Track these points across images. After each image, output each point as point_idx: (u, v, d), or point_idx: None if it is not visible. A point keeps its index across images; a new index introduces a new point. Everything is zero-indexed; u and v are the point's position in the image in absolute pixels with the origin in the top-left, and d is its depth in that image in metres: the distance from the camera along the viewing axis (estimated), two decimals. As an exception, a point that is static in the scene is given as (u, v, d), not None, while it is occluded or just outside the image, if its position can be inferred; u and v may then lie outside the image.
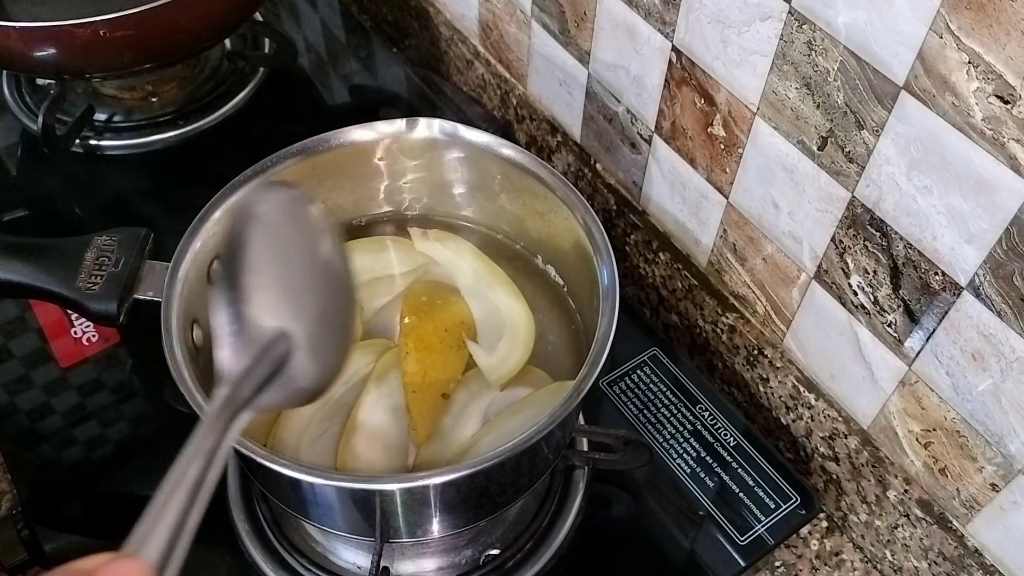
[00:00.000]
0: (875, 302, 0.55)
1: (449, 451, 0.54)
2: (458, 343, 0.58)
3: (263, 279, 0.37)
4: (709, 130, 0.62)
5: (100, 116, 0.83)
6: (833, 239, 0.56)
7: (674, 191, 0.69)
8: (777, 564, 0.62)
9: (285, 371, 0.37)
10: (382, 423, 0.55)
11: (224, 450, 0.34)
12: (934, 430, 0.55)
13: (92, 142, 0.82)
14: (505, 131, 0.86)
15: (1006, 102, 0.42)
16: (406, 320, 0.59)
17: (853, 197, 0.53)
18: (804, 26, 0.50)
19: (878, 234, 0.53)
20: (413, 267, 0.62)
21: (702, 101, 0.61)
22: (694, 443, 0.64)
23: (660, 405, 0.66)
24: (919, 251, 0.51)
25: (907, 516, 0.59)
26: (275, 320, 0.37)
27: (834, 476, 0.64)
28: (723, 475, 0.63)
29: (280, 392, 0.37)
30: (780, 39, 0.52)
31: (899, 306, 0.53)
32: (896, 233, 0.51)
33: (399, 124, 0.59)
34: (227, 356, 0.36)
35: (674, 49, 0.61)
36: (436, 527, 0.51)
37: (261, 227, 0.38)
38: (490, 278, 0.61)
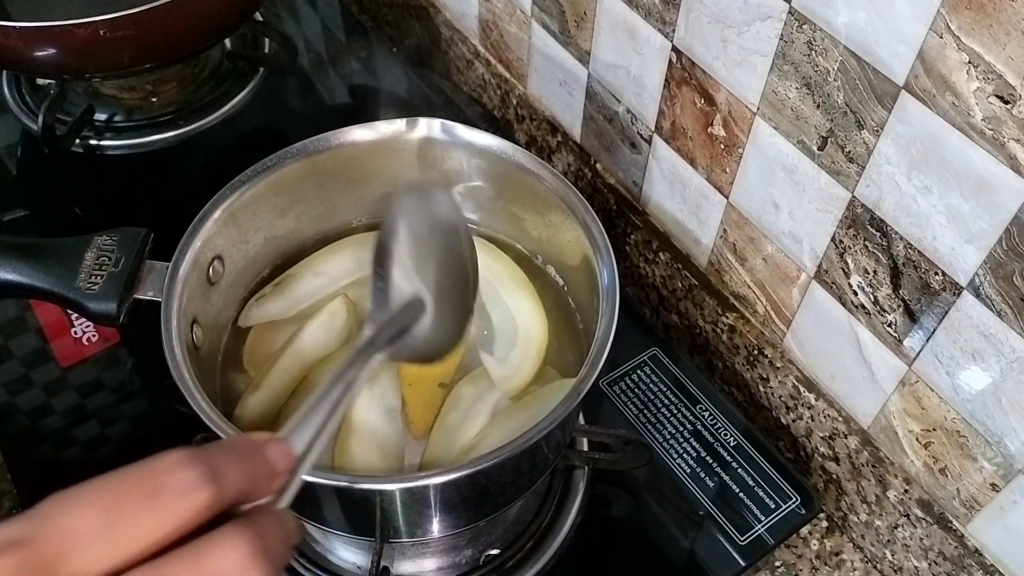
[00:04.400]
0: (875, 302, 0.55)
1: (456, 447, 0.54)
2: None
3: (407, 259, 0.47)
4: (709, 130, 0.62)
5: (100, 116, 0.83)
6: (833, 239, 0.56)
7: (674, 191, 0.69)
8: (777, 564, 0.62)
9: (414, 330, 0.46)
10: (376, 425, 0.54)
11: (363, 380, 0.41)
12: (934, 430, 0.55)
13: (92, 142, 0.82)
14: (505, 131, 0.86)
15: (1006, 102, 0.42)
16: None
17: (853, 197, 0.53)
18: (804, 26, 0.50)
19: (878, 234, 0.53)
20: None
21: (702, 101, 0.61)
22: (694, 443, 0.64)
23: (660, 405, 0.66)
24: (919, 251, 0.51)
25: (907, 516, 0.59)
26: (412, 288, 0.46)
27: (834, 476, 0.64)
28: (723, 475, 0.63)
29: (408, 346, 0.45)
30: (780, 39, 0.52)
31: (899, 306, 0.53)
32: (896, 233, 0.51)
33: (399, 124, 0.59)
34: (374, 308, 0.46)
35: (674, 49, 0.61)
36: (436, 527, 0.51)
37: (408, 221, 0.48)
38: (509, 282, 0.60)
